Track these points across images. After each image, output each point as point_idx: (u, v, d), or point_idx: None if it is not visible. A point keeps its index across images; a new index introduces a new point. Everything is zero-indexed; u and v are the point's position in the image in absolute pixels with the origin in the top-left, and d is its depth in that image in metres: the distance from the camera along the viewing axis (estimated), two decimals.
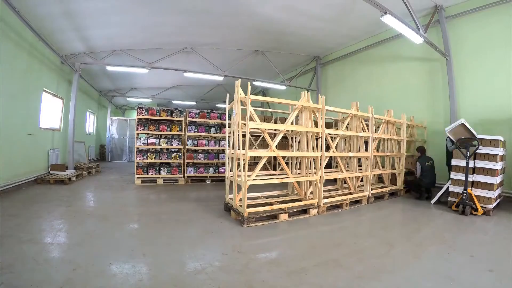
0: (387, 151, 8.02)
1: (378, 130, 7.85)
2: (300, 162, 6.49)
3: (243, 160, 5.09)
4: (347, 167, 7.34)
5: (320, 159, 5.97)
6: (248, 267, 3.29)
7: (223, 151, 10.23)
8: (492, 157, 5.99)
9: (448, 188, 6.71)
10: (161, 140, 9.65)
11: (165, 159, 9.65)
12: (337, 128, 8.17)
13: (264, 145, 9.31)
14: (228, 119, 6.30)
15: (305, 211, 5.74)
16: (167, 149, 9.89)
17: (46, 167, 9.58)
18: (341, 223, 5.34)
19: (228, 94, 6.44)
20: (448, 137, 6.80)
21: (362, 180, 7.37)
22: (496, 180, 5.91)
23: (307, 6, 8.56)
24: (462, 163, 6.25)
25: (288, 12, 8.92)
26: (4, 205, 5.64)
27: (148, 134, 9.72)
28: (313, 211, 5.74)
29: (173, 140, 9.74)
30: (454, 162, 6.49)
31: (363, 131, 7.01)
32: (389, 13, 6.00)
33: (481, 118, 7.70)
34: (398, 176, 8.13)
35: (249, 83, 5.30)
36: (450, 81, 8.30)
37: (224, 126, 9.65)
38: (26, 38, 8.13)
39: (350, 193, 6.86)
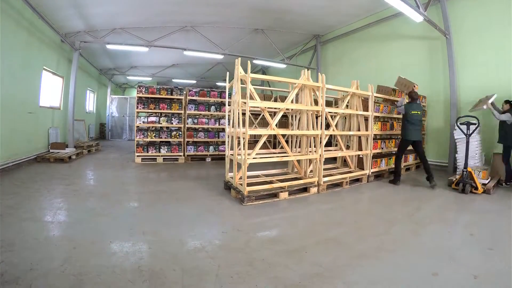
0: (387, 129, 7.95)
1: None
2: (300, 140, 6.45)
3: (243, 138, 5.05)
4: (348, 145, 7.32)
5: (320, 138, 5.92)
6: (248, 246, 3.30)
7: (223, 130, 10.18)
8: None
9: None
10: (161, 119, 9.58)
11: (165, 138, 9.62)
12: (337, 107, 8.06)
13: (264, 124, 9.24)
14: (228, 98, 6.22)
15: (305, 189, 5.74)
16: (167, 127, 9.86)
17: (46, 146, 9.56)
18: (341, 202, 5.34)
19: (228, 73, 6.35)
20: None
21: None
22: None
23: None
24: None
25: None
26: (4, 184, 5.65)
27: (148, 112, 9.70)
28: (313, 190, 5.74)
29: (173, 119, 9.69)
30: None
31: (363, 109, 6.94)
32: None
33: (481, 96, 7.62)
34: None
35: (249, 62, 5.21)
36: (450, 59, 8.22)
37: (224, 105, 9.59)
38: (25, 16, 7.97)
39: (350, 172, 6.84)
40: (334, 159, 8.10)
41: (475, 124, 6.10)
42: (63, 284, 2.37)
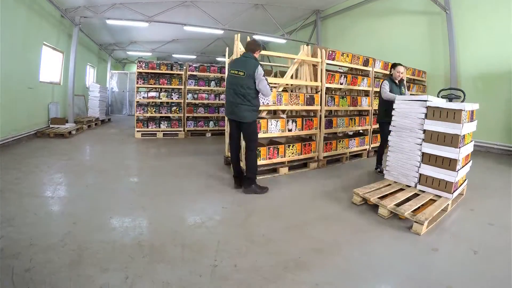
0: None
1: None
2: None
3: None
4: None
5: (320, 113, 5.86)
6: (248, 221, 3.30)
7: (223, 105, 10.08)
8: None
9: None
10: (161, 94, 9.49)
11: (165, 113, 9.56)
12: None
13: None
14: None
15: (305, 165, 5.73)
16: (167, 102, 9.78)
17: (46, 121, 9.50)
18: (341, 177, 5.31)
19: (227, 48, 6.22)
20: None
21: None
22: None
23: None
24: None
25: None
26: (4, 159, 5.63)
27: (148, 87, 9.57)
28: (313, 165, 5.73)
29: (173, 94, 9.59)
30: None
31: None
32: None
33: (481, 71, 7.60)
34: None
35: (248, 37, 5.08)
36: (450, 34, 8.11)
37: (224, 80, 9.44)
38: None
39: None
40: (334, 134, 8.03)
41: (459, 97, 5.62)
42: (63, 259, 2.38)
